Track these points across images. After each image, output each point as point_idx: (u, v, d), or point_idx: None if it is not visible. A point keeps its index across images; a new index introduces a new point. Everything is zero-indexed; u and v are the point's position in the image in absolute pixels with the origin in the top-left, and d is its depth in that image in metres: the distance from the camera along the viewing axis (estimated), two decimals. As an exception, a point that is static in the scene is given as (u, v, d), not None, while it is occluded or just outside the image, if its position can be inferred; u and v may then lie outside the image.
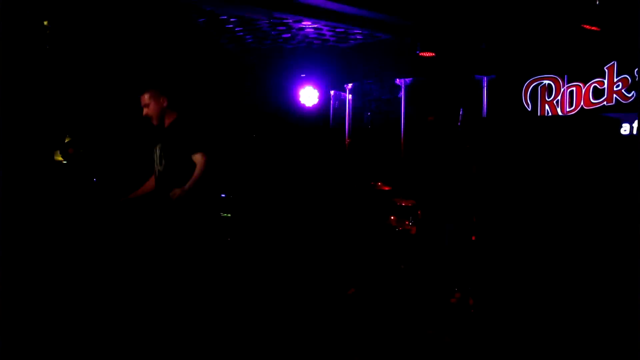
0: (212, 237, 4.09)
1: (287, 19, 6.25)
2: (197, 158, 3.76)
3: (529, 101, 6.46)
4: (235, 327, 4.28)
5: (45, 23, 6.28)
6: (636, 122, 5.76)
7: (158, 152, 3.97)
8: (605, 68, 6.04)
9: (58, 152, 6.38)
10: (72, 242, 5.37)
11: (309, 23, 6.36)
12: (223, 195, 6.40)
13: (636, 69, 5.79)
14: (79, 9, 6.31)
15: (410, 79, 7.23)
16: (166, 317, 3.88)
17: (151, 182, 4.16)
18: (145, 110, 3.97)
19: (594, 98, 6.09)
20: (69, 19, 6.37)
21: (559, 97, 6.25)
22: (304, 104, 7.55)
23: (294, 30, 6.71)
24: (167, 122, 3.97)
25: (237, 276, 5.64)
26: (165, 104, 3.93)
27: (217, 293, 4.29)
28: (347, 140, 7.67)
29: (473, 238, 5.18)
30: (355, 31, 6.63)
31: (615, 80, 5.96)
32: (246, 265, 5.94)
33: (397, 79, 7.31)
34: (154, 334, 3.85)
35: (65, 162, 6.31)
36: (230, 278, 5.42)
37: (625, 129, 5.79)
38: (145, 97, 3.96)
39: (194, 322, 3.84)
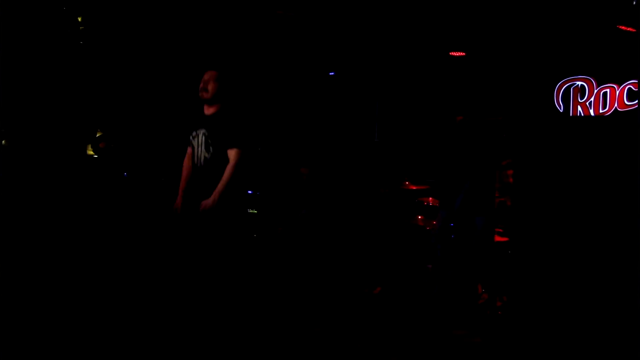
0: (240, 234, 4.11)
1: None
2: (232, 153, 3.79)
3: (561, 102, 6.36)
4: (262, 322, 4.30)
5: (79, 19, 6.39)
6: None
7: (202, 138, 3.94)
8: (640, 70, 5.92)
9: (90, 146, 6.49)
10: (101, 233, 5.45)
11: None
12: (250, 192, 6.43)
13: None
14: (111, 5, 6.40)
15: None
16: (193, 310, 3.91)
17: (186, 166, 4.12)
18: (201, 85, 3.93)
19: (629, 100, 5.98)
20: (101, 16, 6.46)
21: (592, 99, 6.15)
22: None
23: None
24: (210, 110, 3.98)
25: (264, 272, 5.66)
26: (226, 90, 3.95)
27: (243, 289, 4.31)
28: (375, 140, 7.65)
29: (497, 238, 5.14)
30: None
31: (651, 82, 5.84)
32: (272, 262, 5.96)
33: None
34: (184, 325, 3.88)
35: (96, 156, 6.40)
36: (257, 274, 5.45)
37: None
38: (209, 76, 3.95)
39: (220, 316, 3.86)
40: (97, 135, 6.52)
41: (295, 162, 6.64)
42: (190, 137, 4.02)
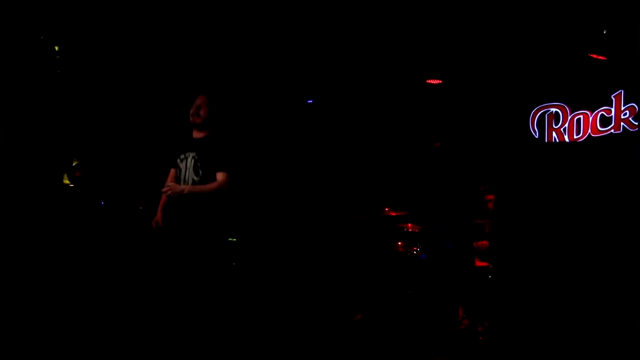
0: (219, 261, 4.06)
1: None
2: (220, 176, 3.85)
3: (536, 128, 6.46)
4: (244, 352, 4.23)
5: (56, 48, 6.36)
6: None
7: (192, 161, 3.97)
8: (612, 96, 6.05)
9: (66, 175, 6.41)
10: (78, 262, 5.35)
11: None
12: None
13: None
14: (88, 33, 6.39)
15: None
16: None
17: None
18: (192, 110, 3.96)
19: (601, 126, 6.09)
20: (78, 44, 6.44)
21: (566, 125, 6.25)
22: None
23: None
24: (200, 134, 4.02)
25: (244, 301, 5.59)
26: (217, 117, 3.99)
27: (224, 318, 4.25)
28: (354, 167, 7.67)
29: (477, 263, 5.15)
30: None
31: (622, 108, 5.96)
32: (253, 290, 5.90)
33: None
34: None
35: (72, 185, 6.33)
36: (238, 302, 5.38)
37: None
38: (202, 101, 3.99)
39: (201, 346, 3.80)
40: (74, 164, 6.45)
41: (276, 187, 6.61)
42: (178, 160, 4.04)
